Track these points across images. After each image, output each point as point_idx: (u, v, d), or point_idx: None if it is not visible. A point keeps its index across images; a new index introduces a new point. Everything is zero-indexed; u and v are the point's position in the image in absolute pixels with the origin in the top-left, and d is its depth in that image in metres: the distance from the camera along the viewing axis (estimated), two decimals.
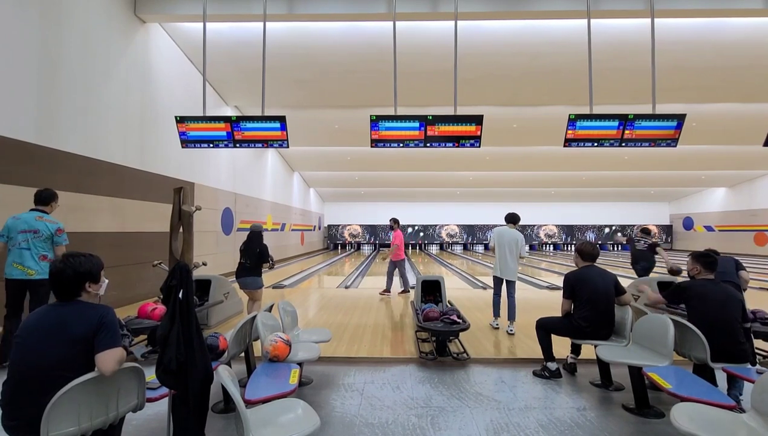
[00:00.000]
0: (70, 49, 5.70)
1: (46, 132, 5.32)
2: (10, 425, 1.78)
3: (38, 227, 3.81)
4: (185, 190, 5.51)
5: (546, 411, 3.07)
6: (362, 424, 2.87)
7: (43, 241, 3.82)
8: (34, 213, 3.89)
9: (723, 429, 2.01)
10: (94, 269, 2.01)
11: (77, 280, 1.94)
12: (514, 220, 5.47)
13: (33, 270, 3.79)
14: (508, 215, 5.53)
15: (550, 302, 7.07)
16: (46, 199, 3.99)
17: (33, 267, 3.79)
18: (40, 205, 3.97)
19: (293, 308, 3.91)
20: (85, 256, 2.00)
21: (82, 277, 1.95)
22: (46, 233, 3.83)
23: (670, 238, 26.14)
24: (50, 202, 4.02)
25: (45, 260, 3.84)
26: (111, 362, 1.83)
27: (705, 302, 3.07)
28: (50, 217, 3.95)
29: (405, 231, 26.77)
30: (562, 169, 18.68)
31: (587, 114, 5.28)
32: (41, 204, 3.97)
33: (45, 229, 3.83)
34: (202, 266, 5.75)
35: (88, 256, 2.02)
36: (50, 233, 3.84)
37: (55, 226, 3.88)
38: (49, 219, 3.91)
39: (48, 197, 4.00)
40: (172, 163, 8.12)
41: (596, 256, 3.72)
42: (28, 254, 3.78)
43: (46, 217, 3.91)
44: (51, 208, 4.03)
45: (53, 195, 4.04)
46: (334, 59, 8.33)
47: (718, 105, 10.50)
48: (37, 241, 3.80)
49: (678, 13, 6.53)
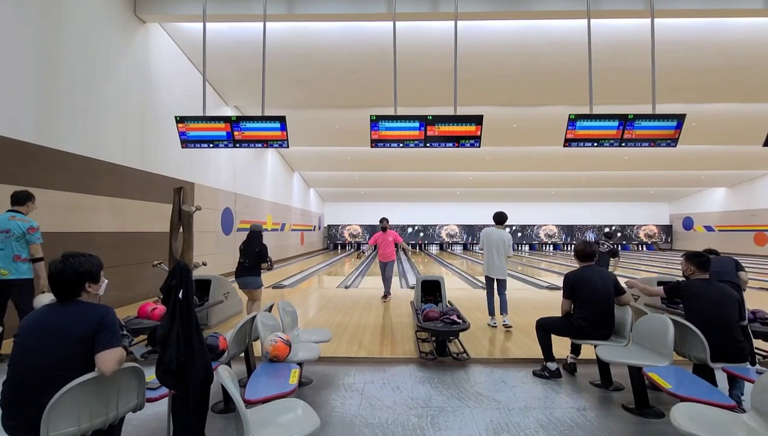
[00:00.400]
0: (70, 49, 5.70)
1: (46, 132, 5.32)
2: (10, 425, 1.78)
3: (10, 227, 3.85)
4: (185, 190, 5.51)
5: (546, 411, 3.07)
6: (362, 424, 2.87)
7: (15, 240, 3.85)
8: (8, 214, 3.93)
9: (723, 429, 2.01)
10: (93, 269, 2.01)
11: (77, 280, 1.94)
12: (501, 220, 5.55)
13: (6, 270, 3.84)
14: (495, 215, 5.60)
15: (550, 302, 7.07)
16: (22, 199, 4.03)
17: (5, 267, 3.83)
18: (15, 205, 4.00)
19: (293, 308, 3.91)
20: (84, 256, 2.00)
21: (82, 277, 1.95)
22: (18, 232, 3.86)
23: (670, 238, 26.15)
24: (26, 202, 4.04)
25: (19, 260, 3.87)
26: (111, 361, 1.83)
27: (700, 302, 3.07)
28: (24, 216, 3.97)
29: (405, 231, 26.81)
30: (562, 169, 18.68)
31: (587, 114, 5.28)
32: (17, 204, 4.01)
33: (16, 228, 3.86)
34: (202, 266, 5.75)
35: (88, 256, 2.02)
36: (22, 232, 3.87)
37: (26, 224, 3.90)
38: (22, 218, 3.94)
39: (23, 198, 4.04)
40: (172, 163, 8.12)
41: (591, 254, 3.70)
42: (2, 254, 3.82)
43: (18, 216, 3.93)
44: (27, 209, 4.05)
45: (29, 196, 4.08)
46: (334, 59, 8.33)
47: (718, 105, 10.50)
48: (9, 241, 3.83)
49: (678, 13, 6.53)
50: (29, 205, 4.07)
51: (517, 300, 7.69)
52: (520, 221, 26.89)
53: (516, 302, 7.41)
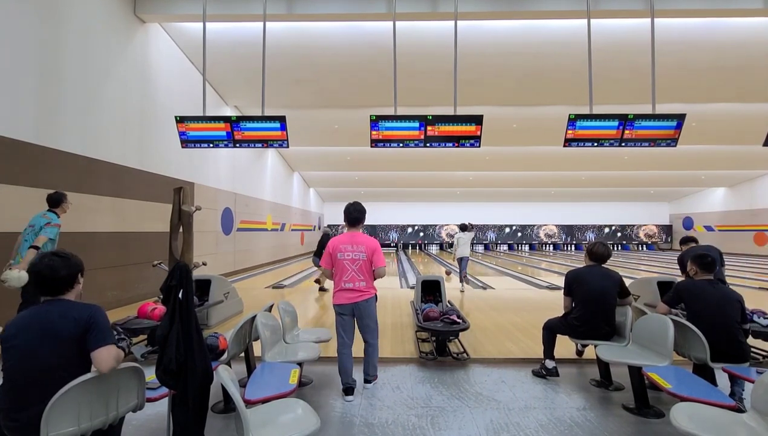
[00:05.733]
0: (70, 49, 5.69)
1: (46, 132, 5.32)
2: (9, 425, 1.78)
3: (34, 222, 4.11)
4: (185, 190, 5.52)
5: (546, 411, 3.07)
6: (362, 424, 2.87)
7: (34, 234, 4.07)
8: (43, 212, 4.19)
9: (723, 429, 2.01)
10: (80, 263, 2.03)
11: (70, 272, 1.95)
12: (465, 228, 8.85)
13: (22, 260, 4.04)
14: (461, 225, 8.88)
15: (550, 302, 7.07)
16: (55, 201, 4.28)
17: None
18: (52, 208, 4.26)
19: (293, 308, 3.91)
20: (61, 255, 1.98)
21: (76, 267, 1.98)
22: (38, 227, 4.08)
23: (670, 238, 26.15)
24: (59, 203, 4.29)
25: None
26: (107, 358, 1.83)
27: (700, 303, 3.08)
28: (51, 214, 4.18)
29: (405, 231, 26.80)
30: (562, 169, 18.67)
31: (587, 114, 5.28)
32: (53, 207, 4.26)
33: (38, 222, 4.09)
34: (202, 265, 5.75)
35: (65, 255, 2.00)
36: (41, 227, 4.07)
37: (45, 220, 4.10)
38: (48, 215, 4.15)
39: (56, 200, 4.29)
40: (171, 163, 8.12)
41: (599, 255, 3.64)
42: (24, 244, 4.07)
43: (48, 214, 4.17)
44: (62, 209, 4.31)
45: (60, 197, 4.31)
46: (334, 59, 8.33)
47: (718, 105, 10.49)
48: (31, 234, 4.08)
49: (678, 13, 6.53)
50: (63, 205, 4.31)
51: (517, 300, 7.70)
52: (520, 221, 26.88)
53: (516, 302, 7.43)
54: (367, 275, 3.34)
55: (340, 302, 3.33)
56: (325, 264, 3.46)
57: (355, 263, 3.30)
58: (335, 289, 3.38)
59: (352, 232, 3.44)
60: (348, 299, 3.30)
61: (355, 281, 3.30)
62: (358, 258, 3.31)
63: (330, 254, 3.38)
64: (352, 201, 3.55)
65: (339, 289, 3.34)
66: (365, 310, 3.32)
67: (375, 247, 3.37)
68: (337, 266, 3.35)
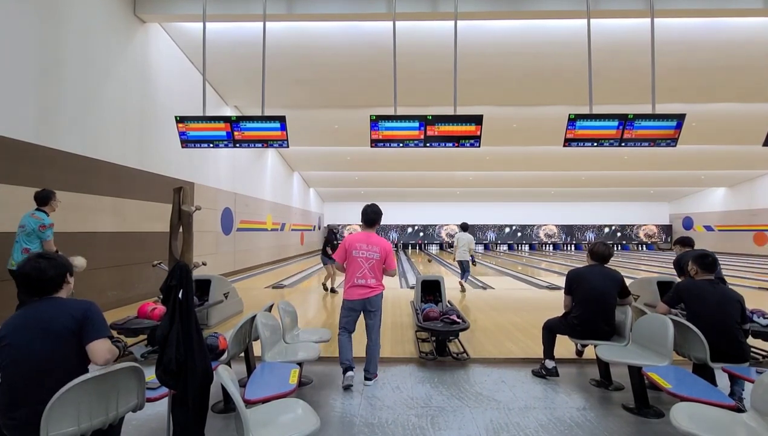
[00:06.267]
0: (70, 49, 5.69)
1: (46, 132, 5.32)
2: (8, 424, 1.78)
3: (25, 223, 4.07)
4: (185, 190, 5.51)
5: (546, 411, 3.07)
6: (362, 424, 2.87)
7: (26, 235, 4.04)
8: (32, 211, 4.13)
9: (723, 429, 2.01)
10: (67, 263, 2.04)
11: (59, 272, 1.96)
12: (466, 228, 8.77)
13: (15, 262, 4.03)
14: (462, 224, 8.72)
15: (550, 302, 7.07)
16: (43, 199, 4.18)
17: (15, 259, 4.04)
18: (40, 206, 4.18)
19: (293, 307, 3.91)
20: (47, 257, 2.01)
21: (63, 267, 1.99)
22: (29, 228, 4.03)
23: (669, 238, 26.14)
24: (48, 201, 4.19)
25: (26, 253, 4.00)
26: (103, 351, 1.85)
27: (700, 303, 3.08)
28: (40, 214, 4.12)
29: (405, 231, 26.80)
30: (562, 169, 18.68)
31: (587, 114, 5.28)
32: (41, 205, 4.18)
33: (29, 224, 4.05)
34: (202, 265, 5.75)
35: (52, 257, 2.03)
36: (33, 228, 4.03)
37: (38, 222, 4.05)
38: (38, 215, 4.09)
39: (44, 197, 4.19)
40: (171, 163, 8.12)
41: (602, 255, 3.62)
42: (16, 246, 4.05)
43: (37, 214, 4.10)
44: (51, 207, 4.21)
45: (48, 194, 4.22)
46: (334, 59, 8.33)
47: (718, 105, 10.50)
48: (22, 235, 4.04)
49: (678, 13, 6.53)
50: (52, 203, 4.23)
51: (517, 300, 7.71)
52: (519, 220, 26.88)
53: (516, 302, 7.43)
54: (379, 273, 3.56)
55: (352, 298, 3.52)
56: (338, 258, 3.64)
57: (369, 262, 3.50)
58: (347, 285, 3.56)
59: (368, 232, 3.64)
60: (360, 295, 3.50)
61: (368, 278, 3.50)
62: (372, 257, 3.51)
63: (345, 250, 3.57)
64: (370, 203, 3.74)
65: (351, 284, 3.53)
66: (375, 303, 3.56)
67: (389, 250, 3.61)
68: (350, 262, 3.55)
